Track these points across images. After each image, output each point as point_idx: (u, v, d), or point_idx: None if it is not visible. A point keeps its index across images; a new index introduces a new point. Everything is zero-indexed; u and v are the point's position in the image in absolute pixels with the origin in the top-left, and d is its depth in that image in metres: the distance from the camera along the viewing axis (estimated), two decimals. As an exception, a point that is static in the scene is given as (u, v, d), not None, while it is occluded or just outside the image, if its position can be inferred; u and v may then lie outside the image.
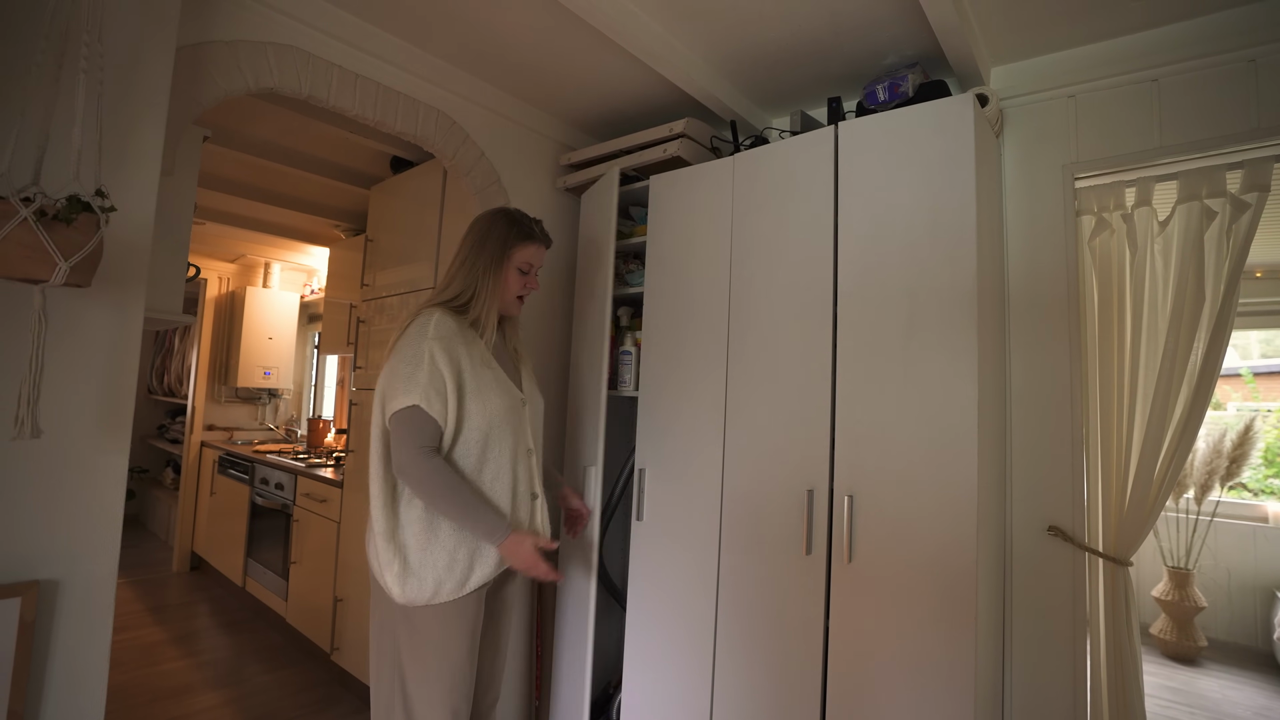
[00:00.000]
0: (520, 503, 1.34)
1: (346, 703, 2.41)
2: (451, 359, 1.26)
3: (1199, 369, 1.44)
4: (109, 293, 1.10)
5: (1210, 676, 3.05)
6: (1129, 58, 1.51)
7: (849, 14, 1.51)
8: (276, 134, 2.48)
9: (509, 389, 1.36)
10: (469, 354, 1.30)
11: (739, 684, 1.56)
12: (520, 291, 1.42)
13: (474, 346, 1.32)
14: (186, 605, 3.40)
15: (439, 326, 1.27)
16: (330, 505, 2.70)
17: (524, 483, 1.35)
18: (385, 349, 1.34)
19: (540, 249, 1.44)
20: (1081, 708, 1.46)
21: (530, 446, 1.39)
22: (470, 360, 1.30)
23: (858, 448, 1.42)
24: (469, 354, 1.30)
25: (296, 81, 1.55)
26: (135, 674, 2.55)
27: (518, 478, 1.34)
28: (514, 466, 1.34)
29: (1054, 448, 1.55)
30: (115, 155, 1.09)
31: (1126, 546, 1.48)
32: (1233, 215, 1.43)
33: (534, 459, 1.40)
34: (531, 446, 1.39)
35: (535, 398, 1.46)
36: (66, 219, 0.91)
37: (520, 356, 1.48)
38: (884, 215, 1.44)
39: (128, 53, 1.11)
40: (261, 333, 4.16)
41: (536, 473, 1.40)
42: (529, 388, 1.45)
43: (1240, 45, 1.38)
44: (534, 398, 1.45)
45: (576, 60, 1.80)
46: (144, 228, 1.14)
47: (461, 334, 1.30)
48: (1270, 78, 1.37)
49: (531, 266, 1.42)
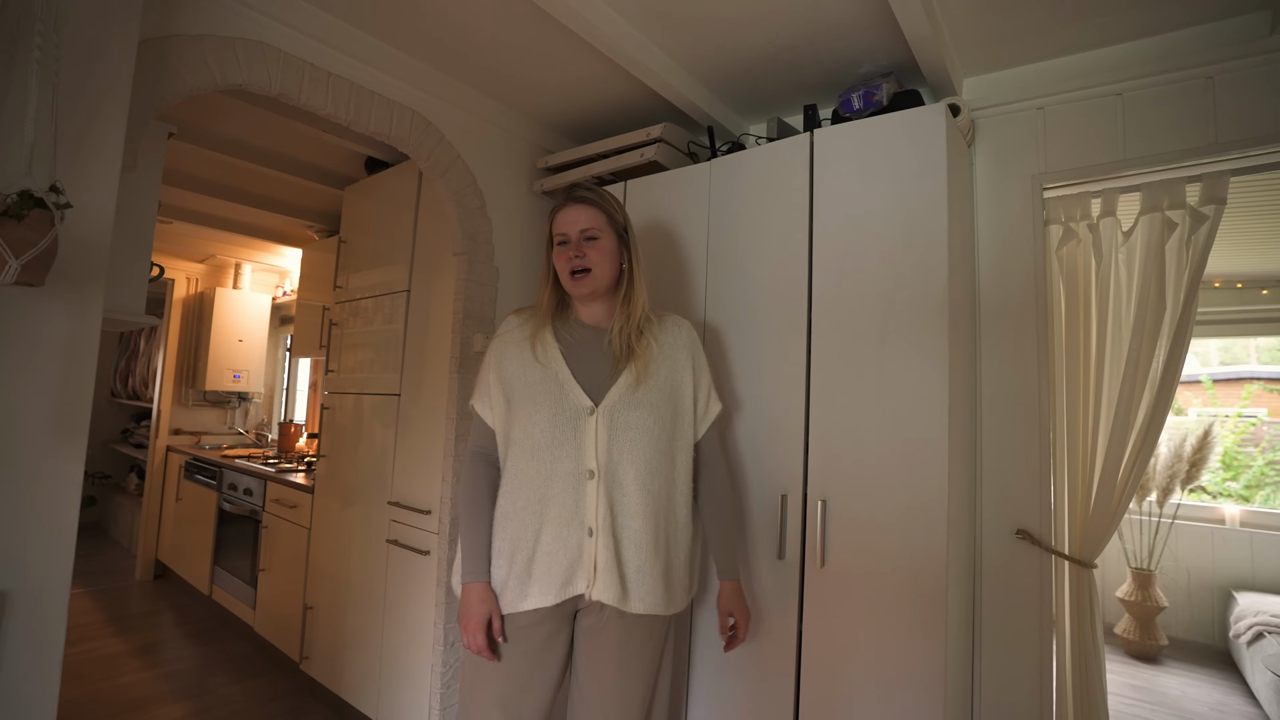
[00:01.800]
0: (557, 535, 1.13)
1: (316, 713, 2.35)
2: (500, 363, 1.24)
3: (1160, 376, 1.48)
4: (65, 292, 1.06)
5: (1171, 674, 3.13)
6: (1095, 72, 1.55)
7: (825, 23, 1.53)
8: (248, 132, 2.43)
9: (560, 395, 1.16)
10: (522, 356, 1.21)
11: (713, 688, 1.56)
12: (568, 266, 1.21)
13: (538, 346, 1.20)
14: (149, 615, 3.29)
15: (501, 328, 1.28)
16: (301, 511, 2.64)
17: (568, 510, 1.13)
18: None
19: (570, 210, 1.23)
20: (1048, 707, 1.49)
21: (593, 468, 1.14)
22: (520, 363, 1.21)
23: (831, 453, 1.43)
24: (522, 356, 1.21)
25: (266, 79, 1.52)
26: (94, 687, 2.46)
27: (560, 505, 1.13)
28: (549, 490, 1.14)
29: (1022, 452, 1.58)
30: (72, 150, 1.05)
31: (1091, 549, 1.51)
32: (1192, 227, 1.47)
33: (600, 484, 1.14)
34: (594, 468, 1.14)
35: (635, 406, 1.17)
36: (18, 215, 0.87)
37: (633, 351, 1.21)
38: (858, 222, 1.46)
39: (86, 44, 1.07)
40: (231, 335, 4.06)
41: (600, 503, 1.14)
42: (625, 393, 1.18)
43: (1198, 63, 1.43)
44: (631, 406, 1.17)
45: (554, 63, 1.79)
46: (103, 225, 1.10)
47: (522, 331, 1.24)
48: (1226, 94, 1.42)
49: (568, 235, 1.22)
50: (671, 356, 1.26)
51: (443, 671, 1.89)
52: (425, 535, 2.00)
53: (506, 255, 2.13)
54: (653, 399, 1.20)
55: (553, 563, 1.13)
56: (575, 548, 1.14)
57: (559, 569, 1.13)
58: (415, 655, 1.99)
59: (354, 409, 2.42)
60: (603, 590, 1.14)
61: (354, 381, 2.44)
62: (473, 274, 2.01)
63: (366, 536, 2.25)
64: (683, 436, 1.26)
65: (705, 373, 1.32)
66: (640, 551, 1.16)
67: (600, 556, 1.14)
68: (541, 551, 1.14)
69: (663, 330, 1.28)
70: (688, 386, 1.27)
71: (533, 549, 1.15)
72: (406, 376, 2.19)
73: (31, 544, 1.03)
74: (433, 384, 2.07)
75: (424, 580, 1.99)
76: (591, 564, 1.14)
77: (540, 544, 1.14)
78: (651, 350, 1.23)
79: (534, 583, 1.14)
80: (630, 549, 1.16)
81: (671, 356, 1.26)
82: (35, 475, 1.03)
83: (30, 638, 1.02)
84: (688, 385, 1.27)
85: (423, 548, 1.99)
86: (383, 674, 2.11)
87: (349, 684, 2.25)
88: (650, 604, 1.16)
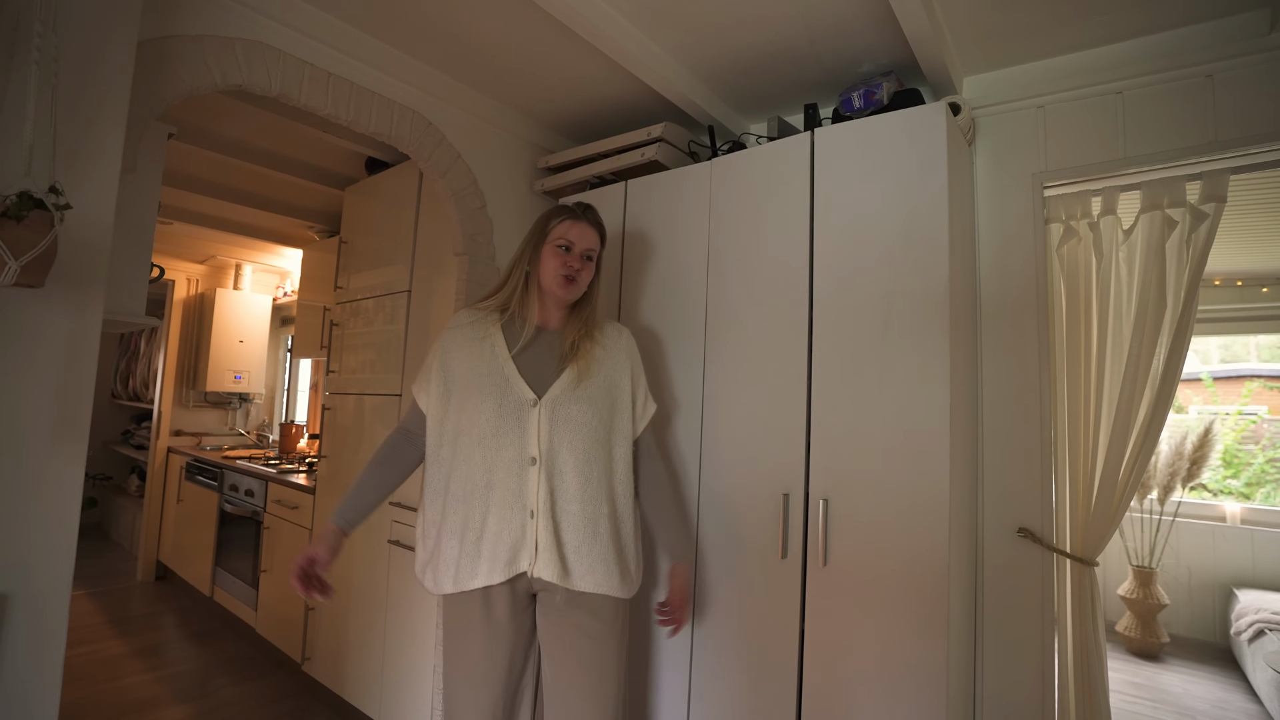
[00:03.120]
0: (502, 517, 1.22)
1: (318, 714, 2.35)
2: (445, 355, 1.31)
3: (1161, 374, 1.48)
4: (65, 293, 1.06)
5: (1172, 671, 3.14)
6: (1095, 70, 1.55)
7: (824, 22, 1.53)
8: (248, 133, 2.43)
9: (505, 388, 1.25)
10: (469, 350, 1.29)
11: (716, 687, 1.56)
12: (564, 270, 1.29)
13: (486, 341, 1.29)
14: (151, 616, 3.29)
15: (452, 321, 1.35)
16: (302, 512, 2.64)
17: (511, 494, 1.22)
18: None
19: (584, 227, 1.33)
20: (1050, 705, 1.49)
21: (535, 455, 1.23)
22: (467, 356, 1.29)
23: (833, 452, 1.43)
24: (469, 350, 1.29)
25: (266, 79, 1.52)
26: (96, 689, 2.46)
27: (504, 488, 1.22)
28: (493, 475, 1.23)
29: (1023, 451, 1.58)
30: (72, 151, 1.05)
31: (1093, 547, 1.51)
32: (1192, 225, 1.47)
33: (541, 470, 1.23)
34: (536, 455, 1.23)
35: (575, 401, 1.27)
36: (17, 216, 0.87)
37: (578, 351, 1.31)
38: (858, 221, 1.46)
39: (85, 45, 1.07)
40: (232, 335, 4.06)
41: (541, 488, 1.22)
42: (566, 389, 1.27)
43: (1198, 61, 1.43)
44: (572, 400, 1.27)
45: (555, 63, 1.79)
46: (103, 226, 1.10)
47: (473, 329, 1.32)
48: (1226, 93, 1.41)
49: (573, 244, 1.31)
50: (613, 359, 1.37)
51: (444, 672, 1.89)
52: (426, 536, 2.00)
53: (507, 255, 2.12)
54: (592, 395, 1.30)
55: (498, 542, 1.21)
56: (519, 529, 1.22)
57: (504, 548, 1.21)
58: (417, 655, 1.99)
59: (355, 409, 2.42)
60: (544, 568, 1.21)
61: (355, 382, 2.44)
62: (473, 274, 2.01)
63: (368, 537, 2.25)
64: (621, 431, 1.34)
65: (642, 377, 1.42)
66: (578, 533, 1.24)
67: (541, 537, 1.22)
68: (488, 532, 1.22)
69: (604, 335, 1.39)
70: (625, 387, 1.37)
71: (480, 529, 1.23)
72: (408, 377, 2.19)
73: (33, 546, 1.03)
74: (433, 384, 2.07)
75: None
76: (533, 544, 1.22)
77: (487, 525, 1.22)
78: (594, 353, 1.34)
79: (482, 560, 1.22)
80: (569, 530, 1.24)
81: (613, 359, 1.37)
82: (36, 477, 1.03)
83: (32, 639, 1.02)
84: (626, 386, 1.37)
85: (424, 548, 1.99)
86: (384, 674, 2.11)
87: (351, 685, 2.25)
88: (593, 582, 1.24)
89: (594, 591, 1.25)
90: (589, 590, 1.24)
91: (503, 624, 1.24)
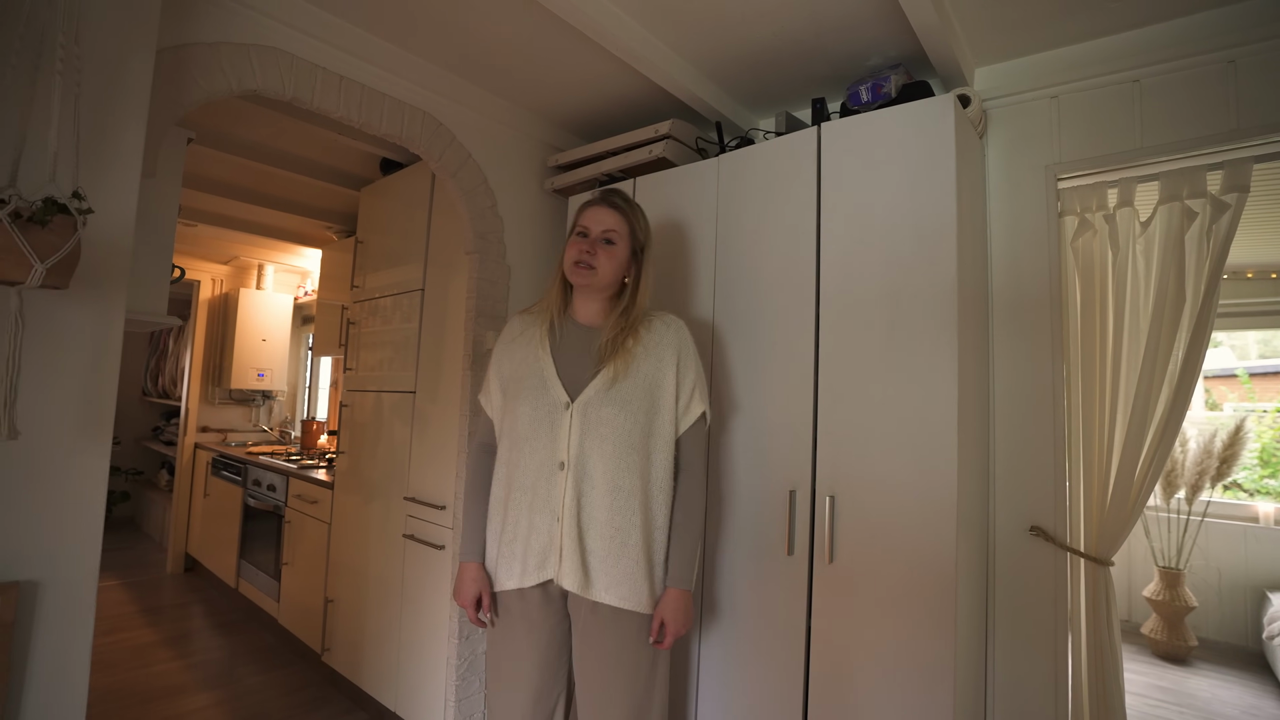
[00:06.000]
0: (532, 521, 1.20)
1: (337, 703, 2.41)
2: (499, 360, 1.33)
3: (1179, 369, 1.44)
4: (89, 294, 1.10)
5: (1200, 676, 3.05)
6: (1110, 58, 1.51)
7: (830, 14, 1.52)
8: (266, 136, 2.48)
9: (542, 390, 1.22)
10: (516, 352, 1.30)
11: (721, 684, 1.56)
12: (575, 256, 1.25)
13: (531, 343, 1.28)
14: (180, 607, 3.40)
15: (507, 326, 1.37)
16: (321, 507, 2.71)
17: (540, 498, 1.19)
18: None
19: (598, 209, 1.28)
20: (1063, 707, 1.46)
21: (564, 460, 1.19)
22: (514, 359, 1.30)
23: (839, 449, 1.42)
24: (516, 352, 1.30)
25: (280, 84, 1.55)
26: (127, 675, 2.55)
27: (534, 491, 1.20)
28: (527, 478, 1.21)
29: (1036, 448, 1.55)
30: (94, 157, 1.09)
31: (1108, 546, 1.48)
32: (1213, 216, 1.43)
33: (569, 475, 1.19)
34: (565, 460, 1.19)
35: (607, 403, 1.20)
36: (42, 221, 0.91)
37: (614, 349, 1.24)
38: (866, 216, 1.44)
39: (106, 54, 1.11)
40: (255, 334, 4.16)
41: (568, 493, 1.18)
42: (600, 390, 1.21)
43: (1219, 46, 1.39)
44: (604, 403, 1.20)
45: (562, 62, 1.80)
46: (125, 229, 1.14)
47: (523, 332, 1.32)
48: (1249, 79, 1.37)
49: (588, 229, 1.27)
50: (656, 354, 1.27)
51: (458, 664, 1.93)
52: (440, 530, 2.04)
53: (518, 254, 2.15)
54: (627, 396, 1.22)
55: (529, 546, 1.21)
56: (546, 533, 1.20)
57: (534, 552, 1.21)
58: (432, 648, 2.03)
59: (372, 406, 2.47)
60: (566, 575, 1.18)
61: (372, 379, 2.49)
62: (484, 272, 2.04)
63: (385, 531, 2.29)
64: (661, 434, 1.25)
65: (693, 372, 1.30)
66: (605, 542, 1.19)
67: (565, 544, 1.19)
68: (520, 535, 1.22)
69: (651, 330, 1.29)
70: (669, 385, 1.26)
71: (514, 532, 1.23)
72: (422, 374, 2.22)
73: (61, 536, 1.07)
74: (448, 381, 2.10)
75: (439, 574, 2.02)
76: (558, 550, 1.19)
77: (519, 528, 1.22)
78: (634, 351, 1.25)
79: (515, 563, 1.22)
80: (594, 539, 1.19)
81: (656, 354, 1.27)
82: (63, 470, 1.08)
83: (61, 625, 1.07)
84: (669, 383, 1.26)
85: (438, 542, 2.03)
86: (400, 666, 2.15)
87: (368, 675, 2.30)
88: (618, 596, 1.18)
89: (619, 606, 1.18)
90: (613, 604, 1.18)
91: (538, 625, 1.23)
